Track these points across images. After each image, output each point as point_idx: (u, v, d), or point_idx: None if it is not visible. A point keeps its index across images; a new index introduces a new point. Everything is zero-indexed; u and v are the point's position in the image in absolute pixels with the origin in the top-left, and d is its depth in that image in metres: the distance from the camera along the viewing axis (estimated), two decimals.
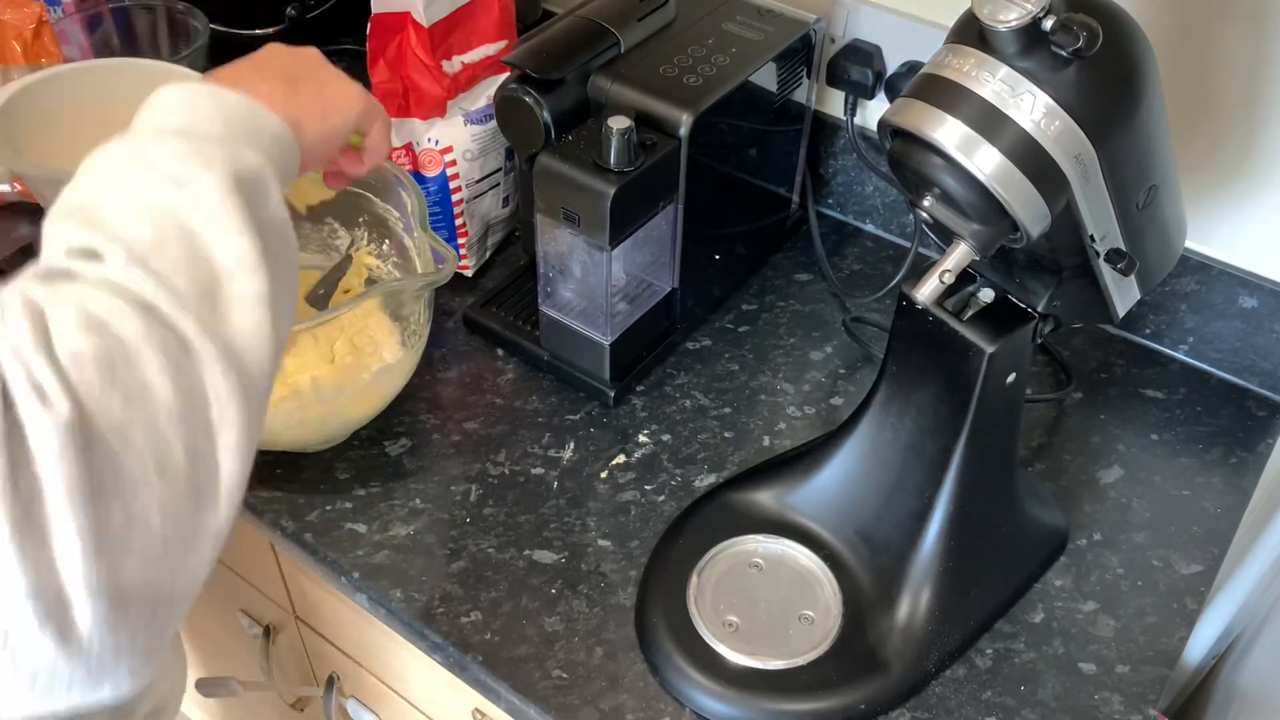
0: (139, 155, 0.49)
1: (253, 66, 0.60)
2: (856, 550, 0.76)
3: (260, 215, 0.50)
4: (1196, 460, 0.86)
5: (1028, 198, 0.57)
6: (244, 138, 0.52)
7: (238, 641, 1.15)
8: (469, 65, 0.89)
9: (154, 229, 0.46)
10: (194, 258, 0.47)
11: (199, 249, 0.47)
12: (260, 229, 0.49)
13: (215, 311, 0.47)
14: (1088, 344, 0.96)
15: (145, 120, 0.52)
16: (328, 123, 0.61)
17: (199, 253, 0.47)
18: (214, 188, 0.48)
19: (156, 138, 0.50)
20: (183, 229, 0.47)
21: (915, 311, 0.69)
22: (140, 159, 0.49)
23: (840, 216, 1.08)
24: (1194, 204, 0.87)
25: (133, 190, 0.48)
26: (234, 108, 0.53)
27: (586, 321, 0.85)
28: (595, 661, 0.72)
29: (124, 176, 0.48)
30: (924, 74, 0.59)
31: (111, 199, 0.47)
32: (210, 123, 0.52)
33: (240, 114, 0.53)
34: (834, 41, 0.98)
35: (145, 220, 0.46)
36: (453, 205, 0.93)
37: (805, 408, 0.89)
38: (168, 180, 0.48)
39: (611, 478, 0.83)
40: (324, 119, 0.61)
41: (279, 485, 0.81)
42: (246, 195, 0.49)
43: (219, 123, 0.52)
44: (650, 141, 0.78)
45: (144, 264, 0.45)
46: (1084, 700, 0.71)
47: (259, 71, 0.60)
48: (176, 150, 0.49)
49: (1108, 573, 0.79)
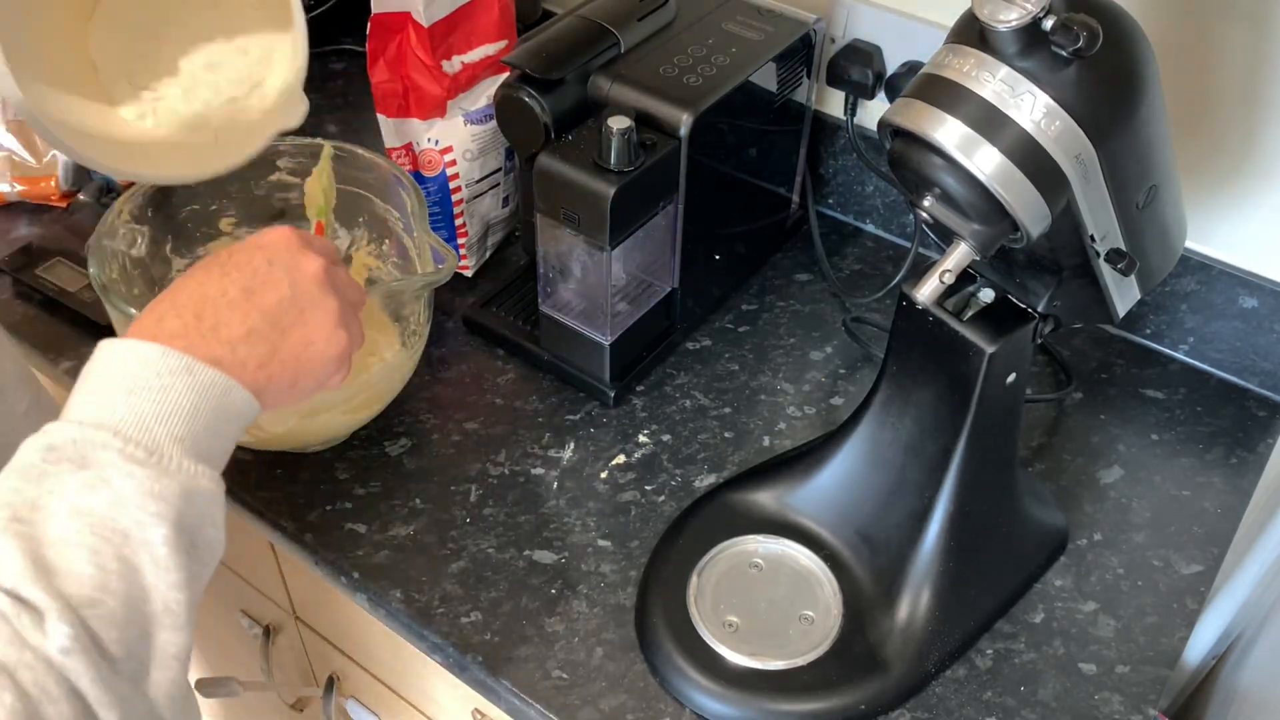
0: (94, 469, 0.48)
1: (245, 295, 0.56)
2: (856, 550, 0.76)
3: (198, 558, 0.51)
4: (1196, 460, 0.86)
5: (1028, 198, 0.57)
6: (208, 430, 0.52)
7: (238, 641, 1.15)
8: (469, 65, 0.89)
9: (97, 567, 0.47)
10: (130, 606, 0.48)
11: (136, 591, 0.48)
12: (194, 578, 0.51)
13: (139, 673, 0.48)
14: (1088, 344, 0.96)
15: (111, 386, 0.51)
16: (295, 390, 0.58)
17: (135, 596, 0.48)
18: (161, 539, 0.49)
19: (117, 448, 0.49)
20: (125, 564, 0.48)
21: (915, 311, 0.69)
22: (96, 478, 0.48)
23: (840, 216, 1.08)
24: (1194, 204, 0.87)
25: (83, 509, 0.48)
26: (207, 388, 0.53)
27: (586, 321, 0.85)
28: (595, 661, 0.72)
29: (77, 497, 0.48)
30: (924, 74, 0.59)
31: (58, 519, 0.47)
32: (176, 417, 0.51)
33: (212, 398, 0.53)
34: (834, 41, 0.98)
35: (88, 554, 0.47)
36: (453, 205, 0.93)
37: (805, 408, 0.89)
38: (120, 509, 0.48)
39: (611, 478, 0.83)
40: (292, 387, 0.58)
41: (279, 485, 0.81)
42: (190, 541, 0.50)
43: (184, 415, 0.51)
44: (650, 141, 0.78)
45: (81, 623, 0.46)
46: (1084, 700, 0.71)
47: (251, 304, 0.56)
48: (134, 480, 0.49)
49: (1108, 573, 0.79)
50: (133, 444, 0.49)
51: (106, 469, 0.48)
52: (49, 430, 0.50)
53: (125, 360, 0.52)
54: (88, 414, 0.50)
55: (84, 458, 0.49)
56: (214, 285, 0.56)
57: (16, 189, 1.03)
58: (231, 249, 0.59)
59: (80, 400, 0.51)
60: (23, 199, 1.04)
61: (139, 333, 0.53)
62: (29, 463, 0.49)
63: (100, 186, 1.03)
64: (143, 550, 0.48)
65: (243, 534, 0.94)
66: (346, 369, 0.62)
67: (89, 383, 0.52)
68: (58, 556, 0.47)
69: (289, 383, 0.58)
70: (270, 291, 0.57)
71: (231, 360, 0.54)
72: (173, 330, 0.53)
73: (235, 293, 0.56)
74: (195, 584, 0.51)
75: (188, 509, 0.50)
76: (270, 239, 0.60)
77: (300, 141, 0.83)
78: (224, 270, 0.57)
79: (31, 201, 1.04)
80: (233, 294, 0.56)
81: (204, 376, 0.53)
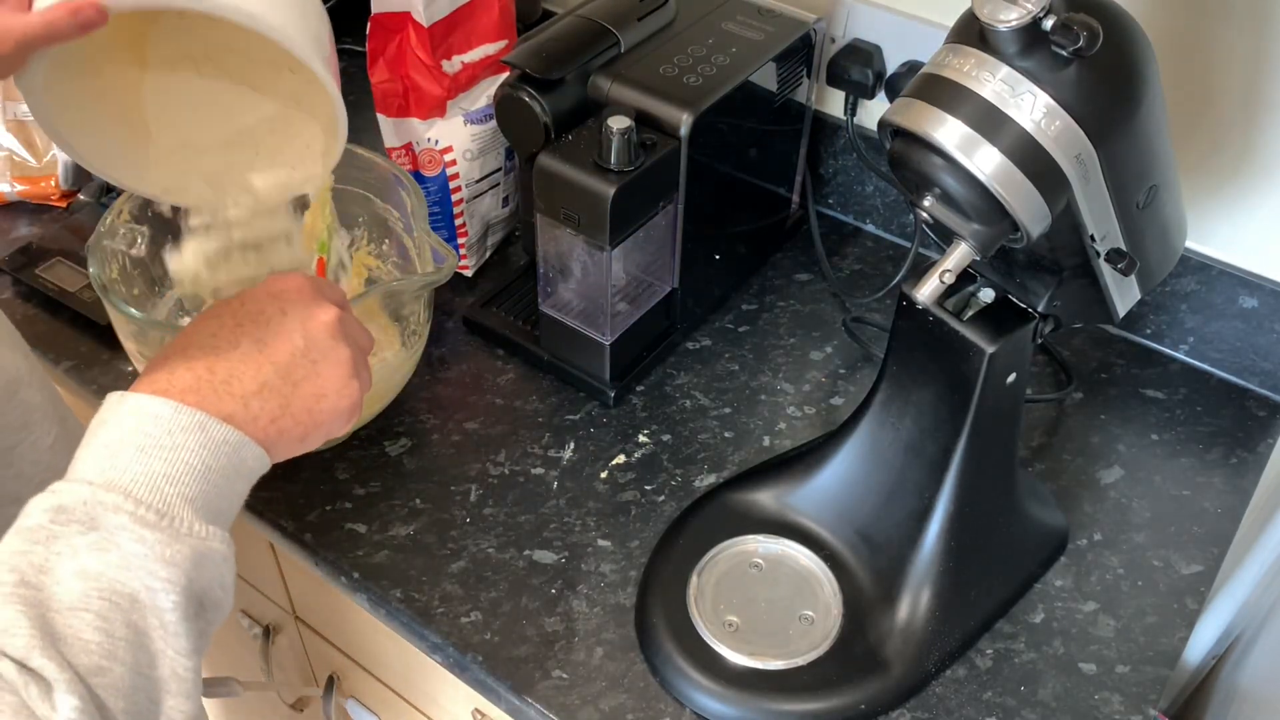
0: (103, 531, 0.47)
1: (258, 347, 0.55)
2: (856, 550, 0.76)
3: (206, 619, 0.50)
4: (1197, 460, 0.86)
5: (1028, 198, 0.57)
6: (220, 490, 0.51)
7: (238, 641, 1.15)
8: (469, 65, 0.89)
9: (105, 634, 0.46)
10: (137, 673, 0.47)
11: (144, 658, 0.47)
12: (202, 639, 0.50)
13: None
14: (1088, 344, 0.96)
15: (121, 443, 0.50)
16: (305, 443, 0.57)
17: (143, 663, 0.47)
18: (171, 605, 0.48)
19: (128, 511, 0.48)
20: (134, 630, 0.47)
21: (915, 311, 0.69)
22: (106, 540, 0.47)
23: (840, 216, 1.08)
24: (1194, 204, 0.87)
25: (91, 573, 0.47)
26: (219, 445, 0.51)
27: (586, 321, 0.85)
28: (595, 661, 0.72)
29: (86, 560, 0.47)
30: (924, 74, 0.59)
31: (66, 582, 0.46)
32: (188, 477, 0.50)
33: (224, 456, 0.51)
34: (834, 41, 0.98)
35: (96, 620, 0.46)
36: (453, 205, 0.93)
37: (805, 408, 0.89)
38: (129, 573, 0.47)
39: (611, 478, 0.83)
40: (303, 441, 0.57)
41: (279, 485, 0.81)
42: (199, 605, 0.50)
43: (197, 475, 0.50)
44: (650, 141, 0.78)
45: (89, 692, 0.45)
46: (1084, 700, 0.71)
47: (264, 357, 0.55)
48: (145, 545, 0.47)
49: (1108, 573, 0.79)
50: (144, 506, 0.48)
51: (117, 533, 0.47)
52: (58, 490, 0.48)
53: (137, 416, 0.50)
54: (98, 474, 0.49)
55: (93, 519, 0.47)
56: (226, 336, 0.55)
57: (16, 189, 1.03)
58: (243, 296, 0.58)
59: (89, 456, 0.50)
60: (22, 199, 1.04)
61: (149, 385, 0.52)
62: (36, 524, 0.47)
63: (100, 186, 1.03)
64: (151, 616, 0.47)
65: (243, 534, 0.94)
66: (356, 416, 0.61)
67: (99, 437, 0.50)
68: (65, 624, 0.46)
69: (299, 436, 0.56)
70: (284, 344, 0.56)
71: (244, 416, 0.53)
72: (185, 385, 0.52)
73: (248, 344, 0.55)
74: (202, 645, 0.50)
75: (198, 574, 0.49)
76: (283, 286, 0.58)
77: None
78: (237, 320, 0.56)
79: (31, 201, 1.04)
80: (245, 346, 0.55)
81: (217, 434, 0.51)
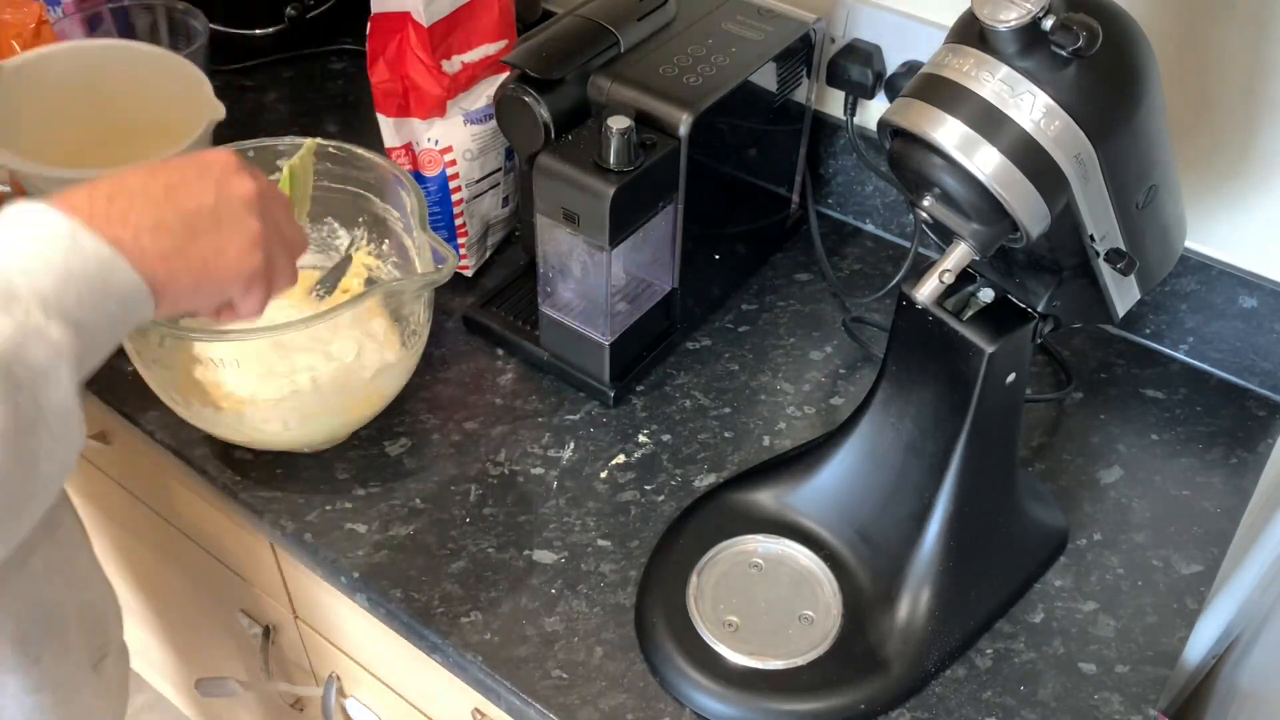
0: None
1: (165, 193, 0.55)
2: (856, 550, 0.76)
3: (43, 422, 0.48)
4: (1196, 460, 0.86)
5: (1028, 198, 0.57)
6: (80, 299, 0.50)
7: (238, 641, 1.15)
8: (469, 65, 0.89)
9: None
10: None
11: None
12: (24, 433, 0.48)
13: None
14: (1088, 344, 0.96)
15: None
16: (197, 293, 0.56)
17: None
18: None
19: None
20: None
21: (915, 311, 0.69)
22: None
23: (840, 216, 1.08)
24: (1194, 204, 0.87)
25: None
26: (88, 257, 0.50)
27: (586, 321, 0.85)
28: (595, 661, 0.72)
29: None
30: (924, 74, 0.59)
31: None
32: (44, 273, 0.49)
33: (91, 264, 0.50)
34: (834, 41, 0.98)
35: None
36: (452, 205, 0.93)
37: (805, 408, 0.89)
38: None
39: (611, 478, 0.83)
40: (194, 289, 0.56)
41: (279, 485, 0.81)
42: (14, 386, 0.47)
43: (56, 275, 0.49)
44: (650, 141, 0.78)
45: None
46: (1084, 700, 0.71)
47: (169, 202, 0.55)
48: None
49: (1108, 573, 0.79)
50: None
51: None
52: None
53: (17, 222, 0.50)
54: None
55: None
56: (138, 179, 0.55)
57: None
58: (172, 157, 0.57)
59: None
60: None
61: (49, 201, 0.51)
62: None
63: None
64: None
65: (243, 534, 0.94)
66: (259, 295, 0.60)
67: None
68: None
69: (191, 285, 0.55)
70: (191, 197, 0.56)
71: (131, 245, 0.52)
72: (76, 204, 0.51)
73: (156, 189, 0.55)
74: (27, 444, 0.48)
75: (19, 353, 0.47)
76: (212, 156, 0.58)
77: (299, 141, 0.83)
78: (153, 170, 0.56)
79: None
80: (153, 189, 0.55)
81: (87, 243, 0.50)
